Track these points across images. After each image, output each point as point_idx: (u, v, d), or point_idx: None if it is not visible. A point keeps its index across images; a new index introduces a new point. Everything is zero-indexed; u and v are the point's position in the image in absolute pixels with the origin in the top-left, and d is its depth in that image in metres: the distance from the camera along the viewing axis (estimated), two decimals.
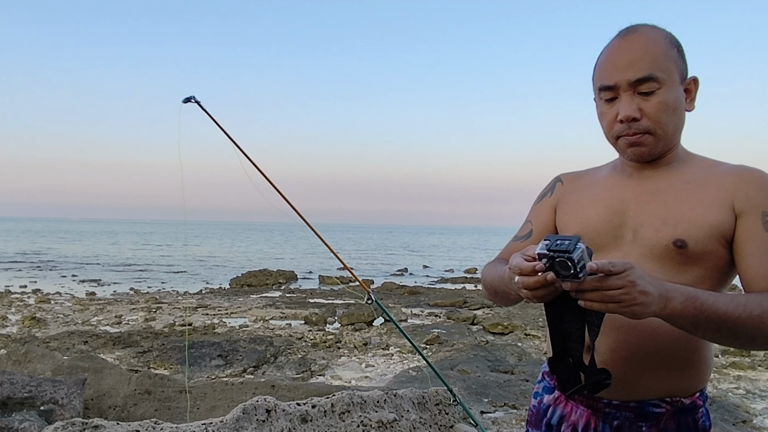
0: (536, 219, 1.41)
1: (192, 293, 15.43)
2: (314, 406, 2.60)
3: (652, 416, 1.18)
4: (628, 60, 1.15)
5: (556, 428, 1.30)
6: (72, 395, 3.65)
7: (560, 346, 1.11)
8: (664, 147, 1.20)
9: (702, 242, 1.12)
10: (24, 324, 9.67)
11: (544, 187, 1.45)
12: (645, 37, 1.16)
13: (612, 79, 1.17)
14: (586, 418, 1.24)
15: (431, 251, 45.43)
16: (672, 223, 1.15)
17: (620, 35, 1.19)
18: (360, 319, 10.02)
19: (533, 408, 1.38)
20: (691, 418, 1.19)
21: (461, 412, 3.10)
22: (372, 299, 2.87)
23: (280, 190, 2.89)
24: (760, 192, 1.14)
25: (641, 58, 1.14)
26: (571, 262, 0.92)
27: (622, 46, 1.17)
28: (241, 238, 64.61)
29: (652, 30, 1.18)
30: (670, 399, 1.18)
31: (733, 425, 4.75)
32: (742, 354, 7.85)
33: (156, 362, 6.96)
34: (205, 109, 2.81)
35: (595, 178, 1.34)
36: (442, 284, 19.16)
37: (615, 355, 1.17)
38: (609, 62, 1.18)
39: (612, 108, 1.19)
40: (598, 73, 1.22)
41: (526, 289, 1.00)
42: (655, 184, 1.22)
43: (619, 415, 1.20)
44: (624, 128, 1.17)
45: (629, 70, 1.14)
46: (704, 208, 1.14)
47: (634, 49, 1.15)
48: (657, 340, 1.15)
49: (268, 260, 29.77)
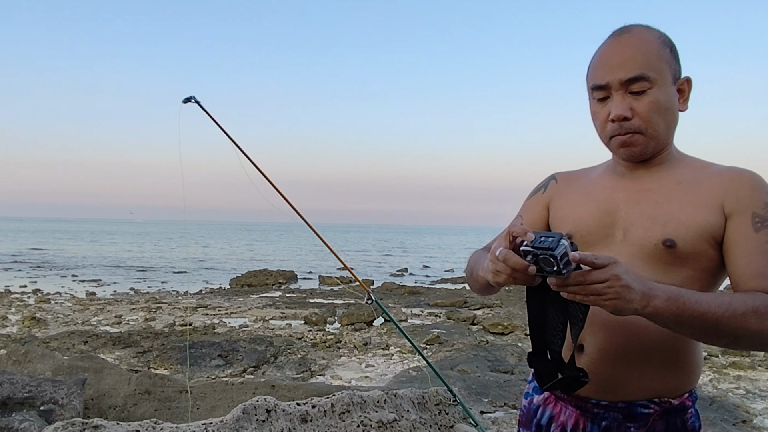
0: (527, 214, 1.42)
1: (192, 293, 15.42)
2: (314, 406, 2.60)
3: (640, 417, 1.18)
4: (620, 60, 1.16)
5: (545, 429, 1.30)
6: (72, 395, 3.65)
7: (541, 340, 1.12)
8: (656, 147, 1.20)
9: (691, 242, 1.13)
10: (24, 324, 9.67)
11: (538, 184, 1.46)
12: (637, 37, 1.17)
13: (604, 79, 1.17)
14: (575, 419, 1.25)
15: (431, 251, 45.43)
16: (661, 222, 1.16)
17: (613, 35, 1.20)
18: (360, 319, 10.02)
19: (524, 408, 1.39)
20: (680, 419, 1.20)
21: (461, 412, 3.10)
22: (372, 299, 2.87)
23: (280, 190, 2.89)
24: (751, 193, 1.14)
25: (633, 57, 1.15)
26: (554, 259, 0.93)
27: (614, 46, 1.18)
28: (241, 238, 64.61)
29: (645, 30, 1.19)
30: (659, 400, 1.18)
31: (733, 425, 4.75)
32: (742, 354, 7.85)
33: (156, 362, 6.96)
34: (205, 109, 2.81)
35: (588, 178, 1.36)
36: (442, 284, 19.15)
37: (603, 355, 1.18)
38: (601, 62, 1.19)
39: (604, 107, 1.20)
40: (591, 72, 1.23)
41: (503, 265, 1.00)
42: (647, 184, 1.22)
43: (608, 415, 1.21)
44: (616, 128, 1.18)
45: (621, 70, 1.15)
46: (694, 208, 1.15)
47: (626, 48, 1.16)
48: (644, 340, 1.16)
49: (268, 260, 29.78)
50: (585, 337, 1.19)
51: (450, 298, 13.66)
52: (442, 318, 11.20)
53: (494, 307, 12.52)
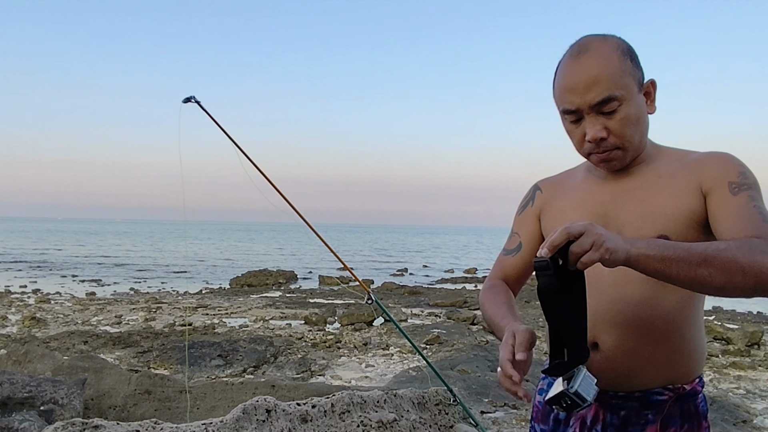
0: (523, 230, 1.44)
1: (192, 293, 15.42)
2: (314, 406, 2.60)
3: (656, 404, 1.23)
4: (584, 84, 1.16)
5: (564, 422, 1.33)
6: (72, 395, 3.65)
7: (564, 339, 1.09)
8: (634, 155, 1.24)
9: (683, 234, 1.16)
10: (24, 324, 9.67)
11: (524, 197, 1.48)
12: (597, 57, 1.16)
13: (573, 104, 1.18)
14: (594, 411, 1.28)
15: (431, 251, 45.44)
16: (650, 219, 1.19)
17: (572, 56, 1.20)
18: (360, 319, 10.02)
19: (539, 404, 1.41)
20: (693, 403, 1.25)
21: (461, 412, 3.10)
22: (372, 299, 2.88)
23: (280, 190, 2.90)
24: (723, 169, 1.17)
25: (597, 80, 1.15)
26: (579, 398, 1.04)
27: (576, 70, 1.17)
28: (241, 238, 64.61)
29: (602, 45, 1.18)
30: (672, 386, 1.23)
31: (733, 425, 4.75)
32: (742, 354, 7.86)
33: (156, 362, 6.96)
34: (205, 109, 2.82)
35: (572, 183, 1.38)
36: (442, 284, 19.17)
37: (617, 351, 1.22)
38: (567, 86, 1.19)
39: (578, 128, 1.22)
40: (558, 96, 1.23)
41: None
42: (630, 183, 1.26)
43: (626, 405, 1.25)
44: (593, 147, 1.21)
45: (588, 94, 1.16)
46: (677, 199, 1.18)
47: (588, 71, 1.16)
48: (654, 333, 1.21)
49: (268, 260, 29.78)
50: (599, 336, 1.23)
51: (450, 298, 13.66)
52: (442, 318, 11.20)
53: None
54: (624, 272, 1.20)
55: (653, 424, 1.23)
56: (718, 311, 12.70)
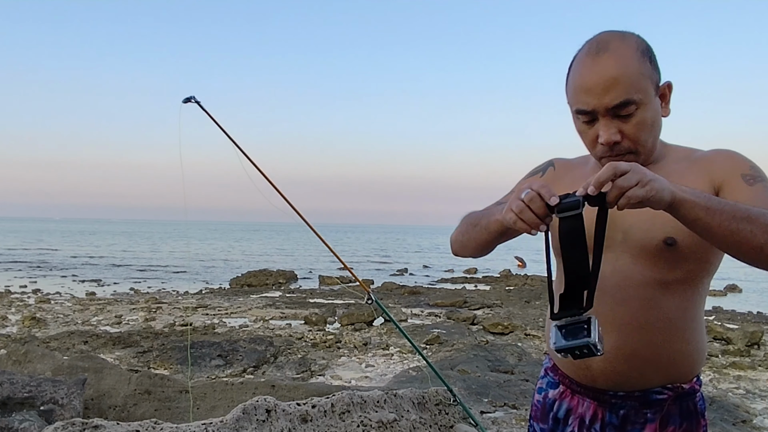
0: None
1: (192, 293, 15.41)
2: (314, 406, 2.60)
3: (655, 403, 1.24)
4: (603, 85, 1.12)
5: (563, 421, 1.34)
6: (72, 395, 3.65)
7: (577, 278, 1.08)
8: (646, 159, 1.21)
9: (690, 236, 1.13)
10: (24, 324, 9.67)
11: (536, 166, 1.47)
12: (617, 57, 1.12)
13: (589, 105, 1.15)
14: (593, 410, 1.28)
15: (431, 251, 45.43)
16: (659, 222, 1.16)
17: (590, 54, 1.15)
18: (360, 319, 10.02)
19: (538, 403, 1.41)
20: (691, 402, 1.26)
21: (461, 412, 3.10)
22: (372, 299, 2.88)
23: (280, 190, 2.90)
24: (734, 162, 1.18)
25: (616, 83, 1.11)
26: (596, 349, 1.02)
27: (595, 69, 1.13)
28: (241, 238, 64.62)
29: (622, 44, 1.14)
30: (671, 385, 1.24)
31: (733, 425, 4.75)
32: (742, 354, 7.86)
33: (156, 362, 6.96)
34: (205, 109, 2.82)
35: (584, 171, 1.35)
36: (442, 284, 19.15)
37: (618, 353, 1.22)
38: (583, 86, 1.15)
39: (591, 129, 1.19)
40: (572, 95, 1.19)
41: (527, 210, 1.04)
42: None
43: (625, 404, 1.25)
44: (606, 150, 1.18)
45: (605, 96, 1.12)
46: None
47: (607, 72, 1.11)
48: (655, 336, 1.21)
49: (268, 260, 29.78)
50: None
51: (450, 298, 13.66)
52: (442, 318, 11.20)
53: (494, 307, 12.53)
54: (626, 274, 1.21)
55: (652, 422, 1.23)
56: (718, 311, 12.70)
